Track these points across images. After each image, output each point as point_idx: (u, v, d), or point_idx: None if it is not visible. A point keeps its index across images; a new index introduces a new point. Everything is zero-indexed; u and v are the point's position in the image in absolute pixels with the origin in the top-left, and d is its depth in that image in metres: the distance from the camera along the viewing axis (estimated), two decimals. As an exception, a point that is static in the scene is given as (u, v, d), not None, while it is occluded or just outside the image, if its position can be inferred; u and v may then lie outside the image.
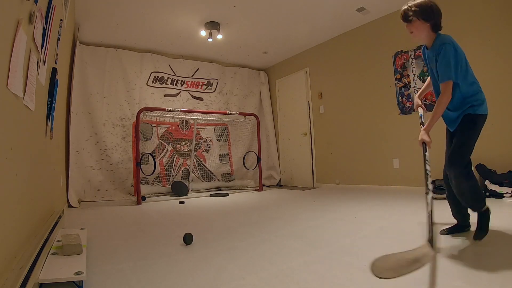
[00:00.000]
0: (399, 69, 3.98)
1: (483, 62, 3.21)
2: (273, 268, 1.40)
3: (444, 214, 2.22)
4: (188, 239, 1.87)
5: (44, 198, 1.96)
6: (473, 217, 1.72)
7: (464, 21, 3.36)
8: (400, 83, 3.97)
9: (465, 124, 1.61)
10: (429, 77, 1.90)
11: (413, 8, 1.57)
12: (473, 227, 1.73)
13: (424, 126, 1.63)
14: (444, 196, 2.90)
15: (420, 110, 1.89)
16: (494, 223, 1.83)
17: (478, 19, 3.27)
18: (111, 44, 4.68)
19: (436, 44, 1.59)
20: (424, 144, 1.59)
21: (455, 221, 1.83)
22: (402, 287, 1.13)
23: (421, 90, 1.96)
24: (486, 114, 1.61)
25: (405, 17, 1.61)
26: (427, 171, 1.49)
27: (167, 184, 4.86)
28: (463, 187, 1.60)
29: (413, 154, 3.76)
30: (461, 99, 1.60)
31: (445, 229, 1.82)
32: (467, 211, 1.77)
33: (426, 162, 1.53)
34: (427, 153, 1.56)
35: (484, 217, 1.64)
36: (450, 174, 1.62)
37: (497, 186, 2.89)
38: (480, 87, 1.63)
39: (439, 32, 1.61)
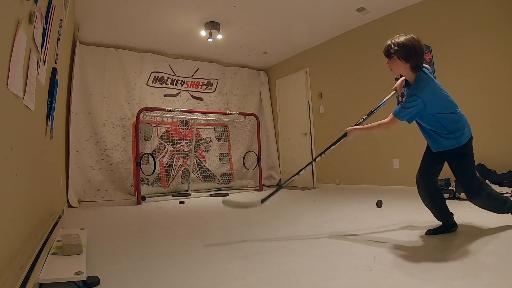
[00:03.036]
0: (399, 69, 3.98)
1: (484, 61, 3.22)
2: (273, 268, 1.40)
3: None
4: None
5: (44, 198, 1.96)
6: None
7: (466, 20, 3.36)
8: (400, 83, 3.96)
9: (458, 159, 1.66)
10: None
11: (394, 47, 1.59)
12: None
13: (359, 127, 1.81)
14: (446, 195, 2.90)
15: (390, 94, 1.96)
16: (494, 222, 1.83)
17: (480, 18, 3.26)
18: (111, 44, 4.68)
19: (411, 88, 1.63)
20: (345, 135, 1.81)
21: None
22: (402, 287, 1.13)
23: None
24: (471, 136, 1.67)
25: (387, 53, 1.64)
26: (322, 154, 1.92)
27: (167, 184, 4.86)
28: (487, 204, 1.72)
29: (413, 154, 3.75)
30: (441, 127, 1.63)
31: (430, 229, 1.81)
32: (447, 210, 1.78)
33: (328, 148, 1.88)
34: (336, 145, 1.85)
35: None
36: (472, 201, 1.71)
37: (497, 186, 2.89)
38: (460, 114, 1.65)
39: (420, 71, 1.62)
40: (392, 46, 1.60)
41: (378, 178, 4.24)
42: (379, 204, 2.85)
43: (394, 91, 1.97)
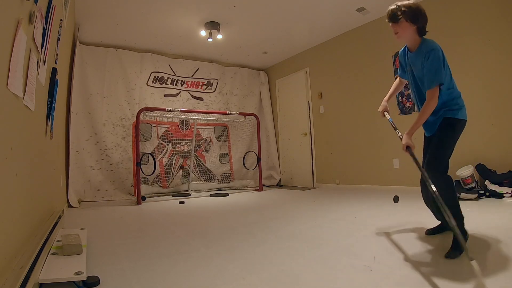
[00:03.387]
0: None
1: (485, 61, 3.22)
2: (273, 268, 1.40)
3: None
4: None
5: (44, 198, 1.96)
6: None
7: (466, 20, 3.36)
8: (400, 83, 3.97)
9: (443, 127, 1.60)
10: (397, 79, 1.94)
11: (402, 9, 1.56)
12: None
13: (408, 130, 1.63)
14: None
15: (387, 115, 1.92)
16: (495, 222, 1.83)
17: (480, 18, 3.26)
18: (111, 44, 4.68)
19: (422, 49, 1.59)
20: (408, 148, 1.60)
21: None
22: (402, 287, 1.13)
23: (389, 93, 1.96)
24: (465, 120, 1.61)
25: (393, 16, 1.59)
26: (423, 170, 1.48)
27: (166, 184, 4.86)
28: (441, 191, 1.55)
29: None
30: (440, 103, 1.59)
31: (429, 229, 1.82)
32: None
33: (418, 163, 1.51)
34: (417, 160, 1.54)
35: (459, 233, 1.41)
36: (429, 176, 1.55)
37: (497, 186, 2.88)
38: (459, 92, 1.64)
39: (424, 37, 1.62)
40: (399, 8, 1.56)
41: (378, 178, 4.24)
42: (395, 199, 2.96)
43: (386, 113, 1.96)
